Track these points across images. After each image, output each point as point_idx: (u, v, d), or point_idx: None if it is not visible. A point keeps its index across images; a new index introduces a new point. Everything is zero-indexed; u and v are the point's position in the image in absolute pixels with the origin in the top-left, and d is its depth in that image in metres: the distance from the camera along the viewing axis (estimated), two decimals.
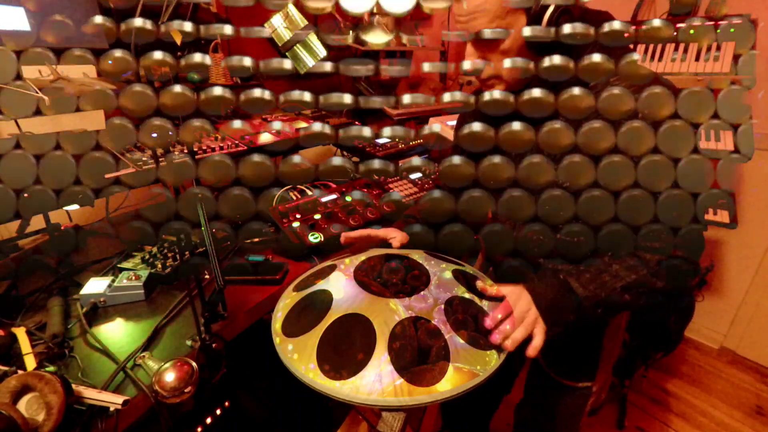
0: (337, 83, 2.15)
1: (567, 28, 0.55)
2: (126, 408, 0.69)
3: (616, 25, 0.56)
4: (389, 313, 0.72)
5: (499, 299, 0.78)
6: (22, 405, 0.62)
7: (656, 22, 0.61)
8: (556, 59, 0.55)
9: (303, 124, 1.65)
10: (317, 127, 1.02)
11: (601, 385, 1.09)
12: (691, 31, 1.59)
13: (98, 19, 0.62)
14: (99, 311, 0.96)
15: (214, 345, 0.82)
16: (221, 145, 1.35)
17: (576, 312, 0.76)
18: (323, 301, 0.78)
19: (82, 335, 0.88)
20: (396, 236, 1.01)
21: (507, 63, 0.61)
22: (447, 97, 0.61)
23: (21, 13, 0.90)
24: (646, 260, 0.76)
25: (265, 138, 1.47)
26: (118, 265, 1.12)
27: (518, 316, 0.74)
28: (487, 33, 0.72)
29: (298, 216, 1.28)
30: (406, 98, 0.60)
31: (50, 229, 1.20)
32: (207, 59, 0.58)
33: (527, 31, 0.61)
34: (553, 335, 0.75)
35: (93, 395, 0.69)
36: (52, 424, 0.61)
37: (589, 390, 1.06)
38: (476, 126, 0.62)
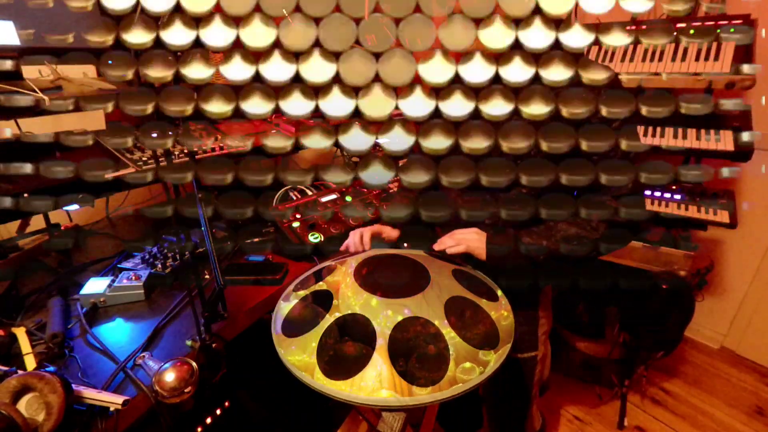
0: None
1: None
2: (126, 408, 0.69)
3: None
4: (389, 314, 0.72)
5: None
6: (22, 405, 0.62)
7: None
8: None
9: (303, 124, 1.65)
10: (317, 126, 1.02)
11: (543, 355, 1.19)
12: (691, 31, 1.59)
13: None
14: (99, 311, 0.96)
15: (214, 345, 0.82)
16: (221, 145, 1.35)
17: (520, 256, 0.90)
18: (323, 301, 0.78)
19: (82, 335, 0.88)
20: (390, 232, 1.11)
21: None
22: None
23: (10, 26, 0.88)
24: (589, 221, 0.89)
25: (264, 138, 1.47)
26: (118, 265, 1.12)
27: (458, 235, 0.94)
28: None
29: (298, 216, 1.28)
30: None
31: (50, 229, 1.20)
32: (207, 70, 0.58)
33: None
34: (492, 265, 0.92)
35: (93, 395, 0.69)
36: (52, 424, 0.61)
37: (534, 360, 1.16)
38: None
